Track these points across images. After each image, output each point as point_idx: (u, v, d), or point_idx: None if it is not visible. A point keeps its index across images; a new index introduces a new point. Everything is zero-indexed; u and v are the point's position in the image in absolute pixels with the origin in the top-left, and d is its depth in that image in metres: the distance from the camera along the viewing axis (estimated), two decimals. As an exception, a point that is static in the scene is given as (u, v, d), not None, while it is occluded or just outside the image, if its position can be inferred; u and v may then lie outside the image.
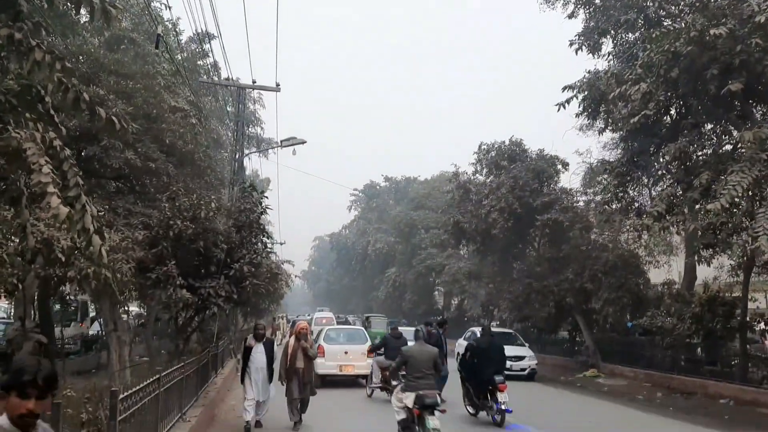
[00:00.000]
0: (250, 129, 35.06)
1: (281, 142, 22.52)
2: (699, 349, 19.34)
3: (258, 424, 10.77)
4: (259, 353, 10.63)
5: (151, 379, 7.20)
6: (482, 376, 12.07)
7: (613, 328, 24.62)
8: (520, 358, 21.22)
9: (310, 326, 34.45)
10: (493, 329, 16.53)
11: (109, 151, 12.06)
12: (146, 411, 7.02)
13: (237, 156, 21.11)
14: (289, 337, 11.48)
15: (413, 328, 13.79)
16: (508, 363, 17.04)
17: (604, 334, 24.22)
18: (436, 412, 9.12)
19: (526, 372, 20.99)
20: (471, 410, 12.71)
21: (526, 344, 23.07)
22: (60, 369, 12.65)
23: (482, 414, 12.38)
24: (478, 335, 15.98)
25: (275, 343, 11.58)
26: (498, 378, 11.74)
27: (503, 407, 11.53)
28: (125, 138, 9.53)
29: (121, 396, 5.61)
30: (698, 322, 17.65)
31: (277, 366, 11.07)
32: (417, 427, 9.37)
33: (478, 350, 12.61)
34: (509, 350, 17.85)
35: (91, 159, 11.57)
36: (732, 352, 17.72)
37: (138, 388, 6.42)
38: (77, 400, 9.05)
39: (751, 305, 18.53)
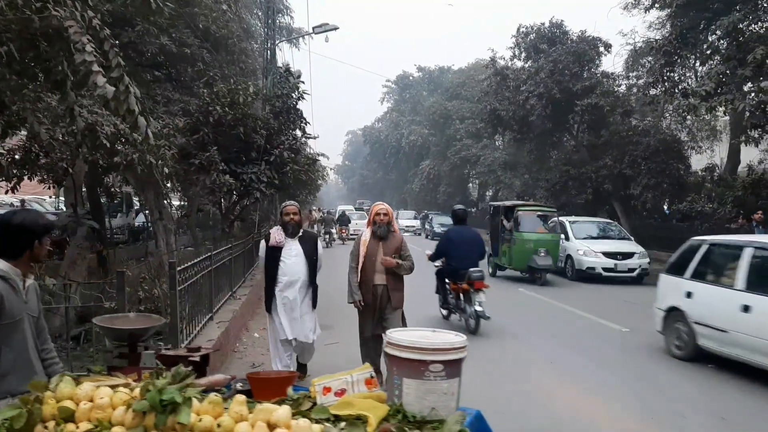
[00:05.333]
0: (279, 18, 34.14)
1: (313, 29, 21.94)
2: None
3: (302, 369, 6.66)
4: (293, 257, 6.30)
5: (204, 256, 7.49)
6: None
7: (650, 215, 24.50)
8: (628, 255, 17.02)
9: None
10: (592, 219, 15.93)
11: (144, 37, 11.90)
12: (201, 285, 7.36)
13: (269, 44, 20.71)
14: (367, 227, 6.79)
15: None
16: (612, 262, 16.45)
17: (642, 220, 24.12)
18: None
19: (635, 273, 16.79)
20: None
21: (632, 237, 18.78)
22: (111, 257, 13.29)
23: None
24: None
25: (317, 238, 6.85)
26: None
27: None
28: (162, 17, 9.31)
29: (179, 268, 5.85)
30: (741, 206, 17.39)
31: (343, 277, 6.89)
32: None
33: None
34: (610, 245, 17.03)
35: (127, 46, 11.44)
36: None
37: (193, 262, 6.70)
38: (133, 279, 9.51)
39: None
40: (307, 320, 6.37)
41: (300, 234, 6.42)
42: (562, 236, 17.78)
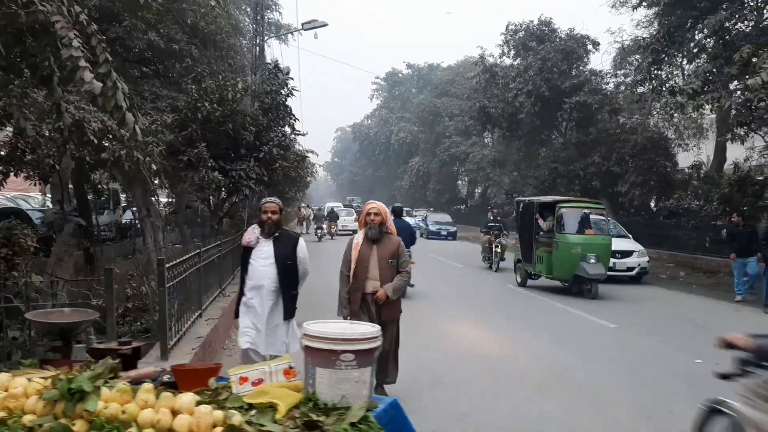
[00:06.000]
0: (268, 15, 33.99)
1: (302, 25, 21.87)
2: (724, 231, 19.37)
3: None
4: (262, 259, 5.58)
5: (193, 253, 7.45)
6: None
7: (638, 212, 24.68)
8: (626, 253, 16.34)
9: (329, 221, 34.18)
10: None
11: (131, 32, 11.83)
12: (190, 283, 7.32)
13: (258, 40, 20.62)
14: (360, 228, 6.10)
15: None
16: (612, 261, 14.60)
17: (629, 217, 24.30)
18: None
19: (634, 272, 16.26)
20: None
21: (630, 235, 18.15)
22: (98, 254, 13.19)
23: None
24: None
25: (299, 240, 5.77)
26: None
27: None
28: (150, 13, 9.28)
29: (168, 265, 5.82)
30: (727, 203, 17.54)
31: (332, 273, 6.77)
32: None
33: None
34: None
35: (114, 41, 11.36)
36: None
37: (182, 259, 6.66)
38: (121, 277, 9.44)
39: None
40: (279, 332, 5.57)
41: (277, 234, 5.58)
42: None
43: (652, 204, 24.97)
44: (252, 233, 5.68)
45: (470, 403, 6.09)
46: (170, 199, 20.76)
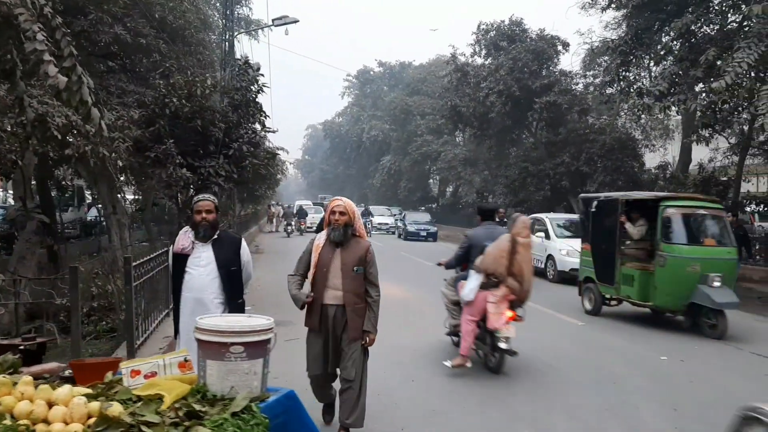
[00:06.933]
0: (238, 10, 33.67)
1: (273, 21, 21.70)
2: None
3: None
4: (202, 267, 4.83)
5: (160, 251, 7.34)
6: None
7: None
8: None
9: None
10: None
11: (97, 25, 11.58)
12: (157, 281, 7.21)
13: (227, 36, 20.40)
14: (325, 227, 5.09)
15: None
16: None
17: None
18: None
19: None
20: None
21: None
22: (63, 252, 12.91)
23: None
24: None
25: (242, 242, 5.14)
26: None
27: None
28: (116, 6, 9.10)
29: (135, 263, 5.72)
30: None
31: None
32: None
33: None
34: None
35: (79, 35, 11.11)
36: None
37: (149, 257, 6.56)
38: (86, 275, 9.27)
39: (744, 186, 18.76)
40: None
41: (215, 237, 4.85)
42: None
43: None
44: (185, 237, 4.86)
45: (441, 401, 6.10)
46: (137, 197, 20.46)
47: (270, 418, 2.55)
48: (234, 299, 4.80)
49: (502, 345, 6.79)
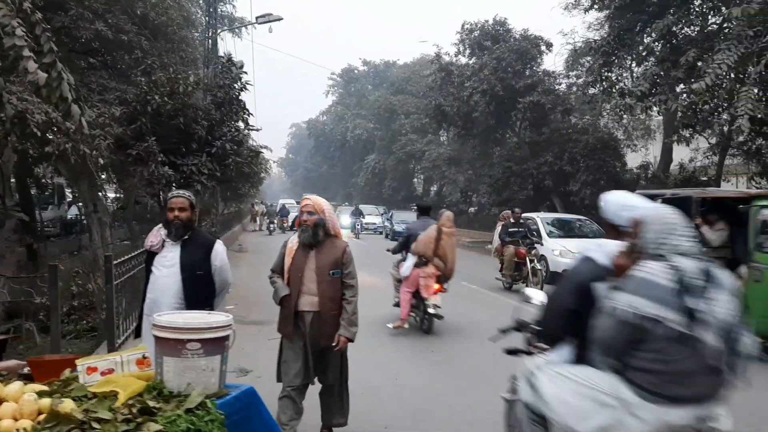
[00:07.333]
0: (221, 7, 33.47)
1: (256, 18, 21.57)
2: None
3: None
4: (166, 268, 4.50)
5: (142, 249, 7.25)
6: None
7: (588, 210, 25.23)
8: None
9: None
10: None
11: (78, 22, 11.44)
12: (139, 280, 7.13)
13: (210, 33, 20.25)
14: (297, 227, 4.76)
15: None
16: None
17: (580, 215, 24.83)
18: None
19: None
20: None
21: None
22: (42, 251, 12.75)
23: None
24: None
25: (215, 245, 4.65)
26: None
27: None
28: (97, 2, 8.98)
29: (116, 261, 5.66)
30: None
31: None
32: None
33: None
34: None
35: (60, 31, 10.97)
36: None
37: (130, 256, 6.48)
38: (66, 274, 9.15)
39: (724, 186, 19.00)
40: None
41: (186, 237, 4.48)
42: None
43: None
44: (156, 235, 4.56)
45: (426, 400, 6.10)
46: (118, 195, 20.26)
47: (227, 415, 2.54)
48: (198, 306, 3.95)
49: (431, 310, 8.62)
